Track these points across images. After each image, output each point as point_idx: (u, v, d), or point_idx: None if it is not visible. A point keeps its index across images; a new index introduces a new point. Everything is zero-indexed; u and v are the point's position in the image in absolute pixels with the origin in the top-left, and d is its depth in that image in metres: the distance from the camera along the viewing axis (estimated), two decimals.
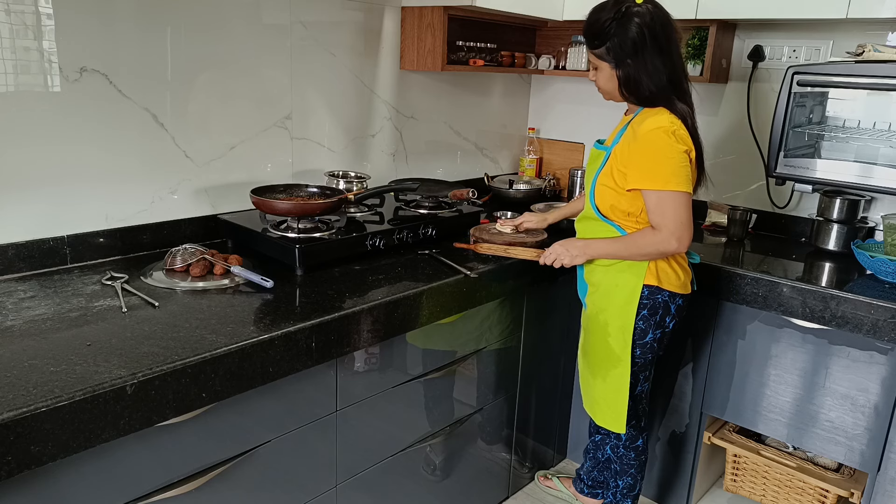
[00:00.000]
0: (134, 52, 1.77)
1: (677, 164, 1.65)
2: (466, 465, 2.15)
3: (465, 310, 1.90)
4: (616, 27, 1.64)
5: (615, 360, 1.87)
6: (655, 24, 1.63)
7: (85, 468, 1.21)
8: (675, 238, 1.68)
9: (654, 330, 1.85)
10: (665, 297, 1.82)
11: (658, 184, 1.66)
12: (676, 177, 1.65)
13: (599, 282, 1.88)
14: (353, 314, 1.54)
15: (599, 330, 1.89)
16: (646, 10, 1.64)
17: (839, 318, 1.89)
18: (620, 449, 2.04)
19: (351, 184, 2.26)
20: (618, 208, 1.78)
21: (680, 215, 1.66)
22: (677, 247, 1.69)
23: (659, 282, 1.80)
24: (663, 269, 1.81)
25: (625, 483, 2.07)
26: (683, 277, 1.85)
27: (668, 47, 1.66)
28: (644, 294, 1.80)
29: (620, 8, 1.64)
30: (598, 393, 1.95)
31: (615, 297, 1.84)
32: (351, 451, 1.72)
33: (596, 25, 1.67)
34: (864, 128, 2.16)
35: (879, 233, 2.29)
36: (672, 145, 1.65)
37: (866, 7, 1.99)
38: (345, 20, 2.28)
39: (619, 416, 1.90)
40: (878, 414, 1.92)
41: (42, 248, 1.69)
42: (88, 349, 1.27)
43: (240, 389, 1.36)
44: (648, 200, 1.69)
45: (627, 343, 1.84)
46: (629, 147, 1.71)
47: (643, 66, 1.66)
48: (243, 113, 2.05)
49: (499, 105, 3.01)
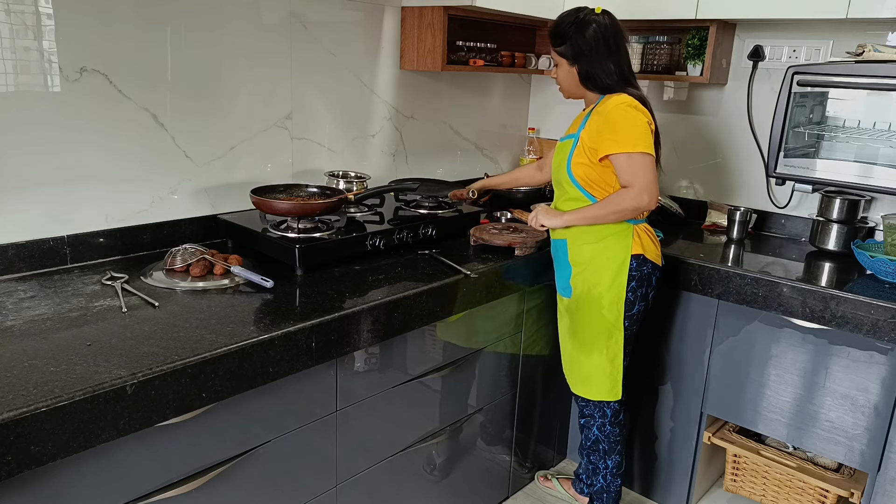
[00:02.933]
0: (134, 52, 1.77)
1: (642, 131, 1.84)
2: (466, 464, 2.15)
3: (465, 310, 1.90)
4: (575, 29, 1.89)
5: (609, 329, 1.98)
6: (608, 31, 1.89)
7: (85, 468, 1.21)
8: (647, 193, 1.83)
9: (640, 302, 1.98)
10: (649, 269, 1.97)
11: (627, 147, 1.83)
12: (643, 140, 1.83)
13: (588, 259, 1.97)
14: (353, 314, 1.54)
15: (592, 304, 1.98)
16: (602, 19, 1.90)
17: (839, 318, 1.89)
18: (607, 426, 2.10)
19: (351, 184, 2.26)
20: (593, 181, 1.92)
21: (648, 173, 1.84)
22: (648, 202, 1.84)
23: (644, 251, 1.95)
24: (645, 240, 1.96)
25: (613, 461, 2.14)
26: (656, 249, 2.01)
27: (618, 50, 1.91)
28: (633, 265, 1.94)
29: (580, 15, 1.90)
30: (592, 367, 2.03)
31: (606, 270, 1.94)
32: (351, 451, 1.72)
33: (560, 27, 1.92)
34: (864, 128, 2.16)
35: (879, 233, 2.28)
36: (636, 115, 1.85)
37: (866, 7, 1.99)
38: (345, 20, 2.28)
39: (615, 385, 2.03)
40: (878, 414, 1.92)
41: (42, 248, 1.69)
42: (88, 349, 1.27)
43: (240, 389, 1.36)
44: (619, 163, 1.85)
45: (621, 313, 1.97)
46: (597, 125, 1.88)
47: (597, 63, 1.90)
48: (243, 113, 2.05)
49: (499, 105, 3.01)
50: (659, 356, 2.31)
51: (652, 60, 2.60)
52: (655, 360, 2.32)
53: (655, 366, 2.33)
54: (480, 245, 2.09)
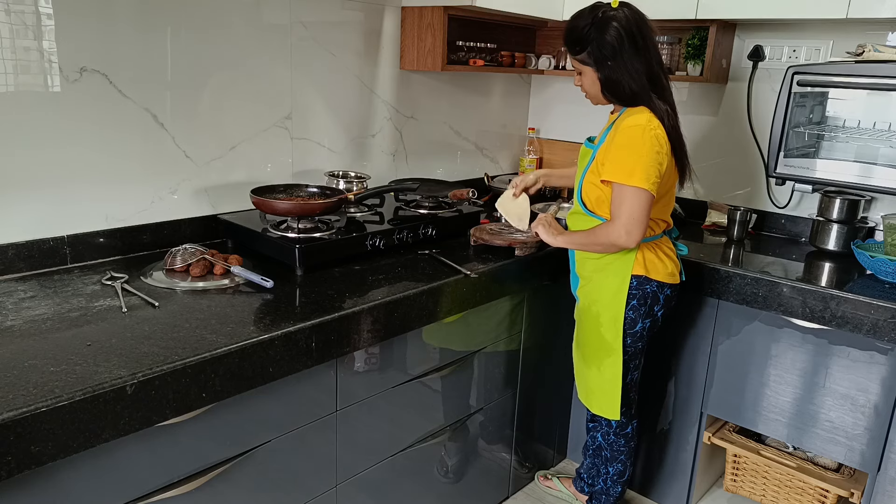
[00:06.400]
0: (134, 52, 1.77)
1: (646, 161, 1.69)
2: (466, 464, 2.15)
3: (465, 310, 1.90)
4: (594, 32, 1.70)
5: (608, 349, 1.93)
6: (631, 26, 1.70)
7: (85, 468, 1.21)
8: (625, 231, 1.71)
9: (644, 319, 1.90)
10: (654, 288, 1.87)
11: (622, 177, 1.70)
12: (641, 173, 1.68)
13: (590, 274, 1.93)
14: (353, 314, 1.54)
15: (592, 321, 1.95)
16: (621, 14, 1.70)
17: (839, 318, 1.89)
18: (611, 436, 2.09)
19: (351, 184, 2.26)
20: (601, 201, 1.83)
21: (634, 210, 1.70)
22: (626, 240, 1.72)
23: (647, 272, 1.85)
24: (650, 260, 1.86)
25: (615, 469, 2.12)
26: (671, 267, 1.90)
27: (646, 45, 1.72)
28: (633, 284, 1.86)
29: (597, 14, 1.71)
30: (592, 382, 2.00)
31: (605, 288, 1.89)
32: (351, 451, 1.72)
33: (575, 32, 1.74)
34: (864, 128, 2.16)
35: (879, 233, 2.28)
36: (644, 142, 1.69)
37: (866, 7, 1.99)
38: (345, 20, 2.28)
39: (613, 404, 1.97)
40: (878, 414, 1.92)
41: (42, 248, 1.69)
42: (88, 349, 1.27)
43: (240, 389, 1.36)
44: (613, 192, 1.74)
45: (619, 332, 1.89)
46: (608, 145, 1.77)
47: (623, 67, 1.71)
48: (243, 113, 2.05)
49: (499, 105, 3.01)
50: (659, 356, 2.31)
51: None
52: (656, 361, 2.32)
53: (656, 366, 2.33)
54: (480, 245, 2.09)
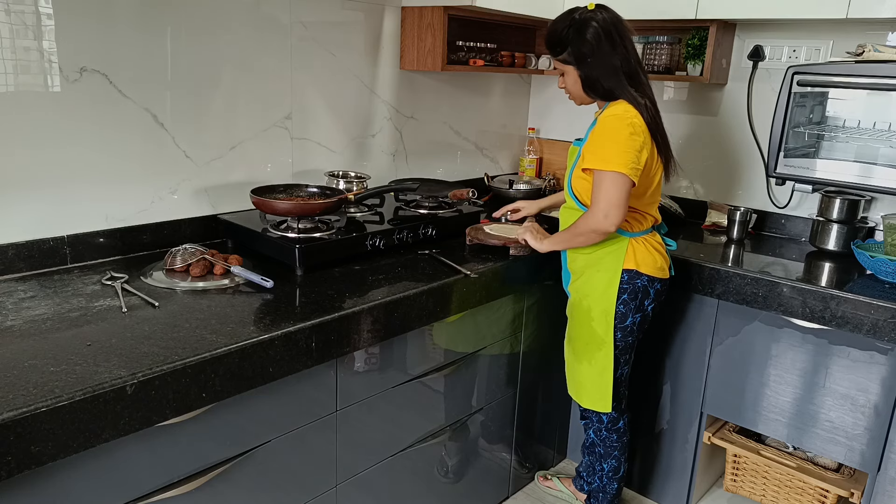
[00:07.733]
0: (134, 53, 1.77)
1: (623, 147, 1.74)
2: (466, 464, 2.15)
3: (466, 310, 1.90)
4: (573, 33, 1.81)
5: (599, 343, 1.96)
6: (609, 25, 1.80)
7: (85, 468, 1.21)
8: (603, 215, 1.76)
9: (634, 314, 1.94)
10: (644, 282, 1.91)
11: (600, 163, 1.76)
12: (618, 158, 1.74)
13: (581, 269, 1.96)
14: (353, 314, 1.54)
15: (583, 315, 1.97)
16: (599, 16, 1.81)
17: (839, 318, 1.89)
18: (603, 431, 2.10)
19: (351, 184, 2.26)
20: (588, 192, 1.87)
21: (611, 194, 1.75)
22: (605, 224, 1.76)
23: (637, 266, 1.89)
24: (641, 254, 1.90)
25: (609, 466, 2.13)
26: (661, 262, 1.94)
27: (623, 43, 1.81)
28: (624, 279, 1.90)
29: (575, 16, 1.82)
30: (583, 376, 2.02)
31: (597, 283, 1.92)
32: (351, 451, 1.72)
33: (556, 34, 1.84)
34: (864, 128, 2.16)
35: (879, 233, 2.28)
36: (620, 129, 1.76)
37: (866, 7, 1.99)
38: (345, 20, 2.28)
39: (604, 397, 1.99)
40: (878, 414, 1.92)
41: (42, 248, 1.69)
42: (88, 349, 1.27)
43: (240, 389, 1.36)
44: (593, 179, 1.80)
45: (610, 326, 1.93)
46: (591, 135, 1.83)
47: (602, 64, 1.81)
48: (243, 113, 2.05)
49: (499, 105, 3.01)
50: (659, 356, 2.31)
51: (652, 60, 2.60)
52: (655, 360, 2.32)
53: (655, 366, 2.33)
54: (477, 245, 2.09)
